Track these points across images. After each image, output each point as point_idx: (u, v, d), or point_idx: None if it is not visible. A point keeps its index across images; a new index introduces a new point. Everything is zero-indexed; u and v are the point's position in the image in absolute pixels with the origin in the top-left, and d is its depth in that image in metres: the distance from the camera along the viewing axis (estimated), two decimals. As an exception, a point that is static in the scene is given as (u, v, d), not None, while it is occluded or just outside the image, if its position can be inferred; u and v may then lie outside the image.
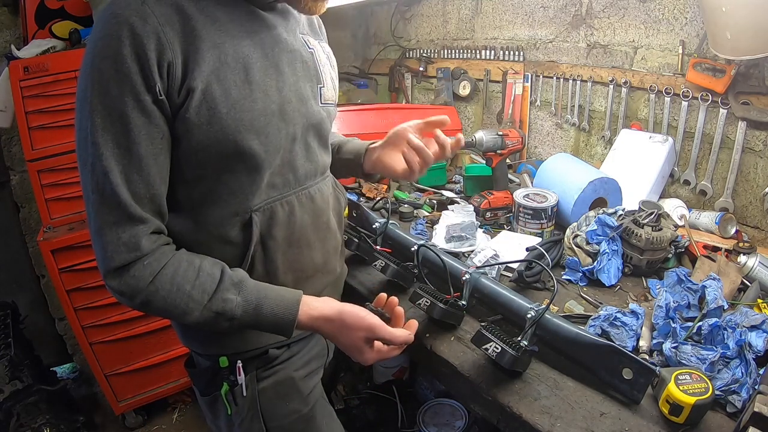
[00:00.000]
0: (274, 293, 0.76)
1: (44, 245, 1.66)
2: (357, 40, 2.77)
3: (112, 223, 0.67)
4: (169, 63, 0.66)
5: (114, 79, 0.64)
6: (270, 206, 0.80)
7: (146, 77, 0.65)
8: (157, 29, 0.65)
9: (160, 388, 2.02)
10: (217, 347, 0.86)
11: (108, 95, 0.64)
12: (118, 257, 0.68)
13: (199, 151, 0.72)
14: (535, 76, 1.88)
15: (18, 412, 1.72)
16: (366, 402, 1.77)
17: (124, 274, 0.68)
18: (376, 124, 1.90)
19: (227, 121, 0.71)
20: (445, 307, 0.95)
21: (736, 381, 0.79)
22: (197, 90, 0.68)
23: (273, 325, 0.76)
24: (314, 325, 0.78)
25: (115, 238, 0.67)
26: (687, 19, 1.41)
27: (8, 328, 1.85)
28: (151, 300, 0.70)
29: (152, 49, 0.64)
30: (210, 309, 0.72)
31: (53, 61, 1.62)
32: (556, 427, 0.77)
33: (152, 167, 0.69)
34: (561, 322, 0.88)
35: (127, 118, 0.65)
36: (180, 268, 0.71)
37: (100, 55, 0.64)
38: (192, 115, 0.69)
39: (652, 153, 1.49)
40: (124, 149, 0.66)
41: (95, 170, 0.66)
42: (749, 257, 1.12)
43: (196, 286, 0.71)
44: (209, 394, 0.89)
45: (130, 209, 0.67)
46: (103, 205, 0.67)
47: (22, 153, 1.81)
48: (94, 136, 0.65)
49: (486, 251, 1.17)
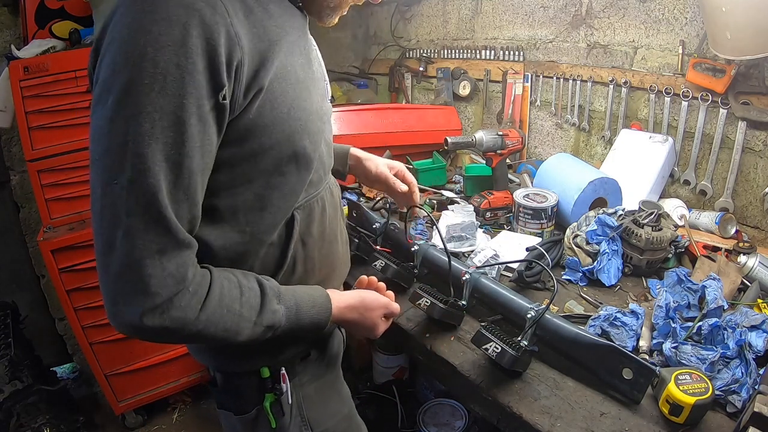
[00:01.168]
0: (304, 294, 0.75)
1: (44, 245, 1.65)
2: (357, 40, 2.77)
3: (156, 252, 0.56)
4: (238, 62, 0.57)
5: (174, 75, 0.53)
6: (309, 204, 0.78)
7: (213, 77, 0.55)
8: (226, 21, 0.56)
9: (160, 388, 2.02)
10: (256, 361, 0.80)
11: (164, 95, 0.53)
12: (165, 291, 0.57)
13: (257, 154, 0.65)
14: (535, 76, 1.88)
15: (18, 412, 1.71)
16: (366, 402, 1.77)
17: (170, 309, 0.58)
18: (376, 124, 1.90)
19: (288, 122, 0.66)
20: (445, 307, 0.96)
21: (736, 381, 0.79)
22: (263, 90, 0.62)
23: (312, 326, 0.75)
24: (342, 315, 0.80)
25: (160, 270, 0.56)
26: (687, 19, 1.41)
27: (8, 328, 1.84)
28: (201, 330, 0.62)
29: (222, 45, 0.55)
30: (261, 324, 0.67)
31: (53, 61, 1.62)
32: (556, 427, 0.77)
33: (198, 185, 0.59)
34: (561, 322, 0.88)
35: (183, 125, 0.54)
36: (224, 289, 0.64)
37: (156, 43, 0.52)
38: (255, 116, 0.62)
39: (652, 153, 1.49)
40: (173, 163, 0.55)
41: (137, 188, 0.54)
42: (749, 257, 1.12)
43: (244, 304, 0.65)
44: (250, 411, 0.82)
45: (180, 234, 0.58)
46: (145, 231, 0.55)
47: (22, 153, 1.80)
48: (139, 146, 0.53)
49: (486, 251, 1.17)
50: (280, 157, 0.68)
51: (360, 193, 1.78)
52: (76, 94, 1.64)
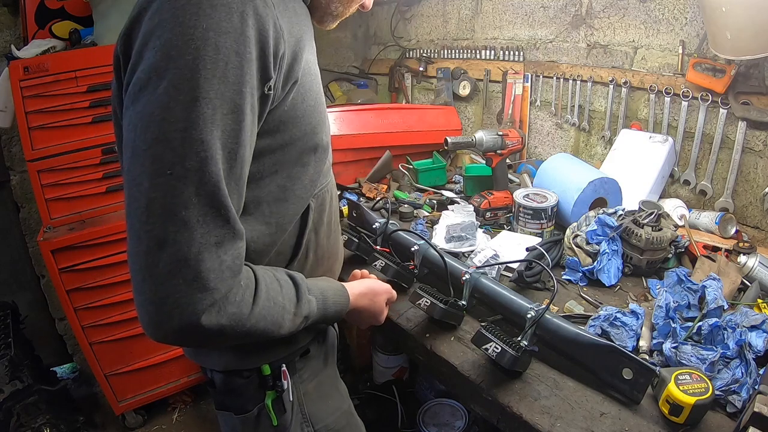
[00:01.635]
0: (326, 285, 0.78)
1: (44, 245, 1.65)
2: (357, 40, 2.78)
3: (213, 244, 0.53)
4: (282, 53, 0.59)
5: (234, 62, 0.52)
6: (322, 193, 0.80)
7: (264, 68, 0.56)
8: (274, 14, 0.57)
9: (160, 388, 2.02)
10: (260, 357, 0.79)
11: (225, 81, 0.52)
12: (223, 285, 0.54)
13: (286, 146, 0.66)
14: (535, 76, 1.88)
15: (18, 412, 1.71)
16: (366, 402, 1.77)
17: (226, 305, 0.55)
18: (376, 124, 1.90)
19: (314, 114, 0.69)
20: (445, 307, 0.96)
21: (736, 381, 0.79)
22: (297, 83, 0.63)
23: (336, 314, 0.79)
24: (357, 303, 0.84)
25: (218, 263, 0.54)
26: (687, 19, 1.41)
27: (8, 328, 1.84)
28: (253, 324, 0.60)
29: (271, 36, 0.56)
30: (299, 315, 0.68)
31: (53, 61, 1.62)
32: (556, 427, 0.77)
33: (245, 175, 0.59)
34: (561, 322, 0.88)
35: (242, 113, 0.54)
36: (267, 281, 0.63)
37: (217, 28, 0.51)
38: (289, 108, 0.64)
39: (652, 153, 1.49)
40: (230, 152, 0.54)
41: (198, 176, 0.51)
42: (749, 257, 1.12)
43: (284, 296, 0.66)
44: (251, 410, 0.81)
45: (237, 224, 0.56)
46: (204, 222, 0.52)
47: (22, 153, 1.80)
48: (201, 131, 0.51)
49: (486, 251, 1.17)
50: (304, 148, 0.70)
51: (360, 193, 1.78)
52: (76, 94, 1.64)
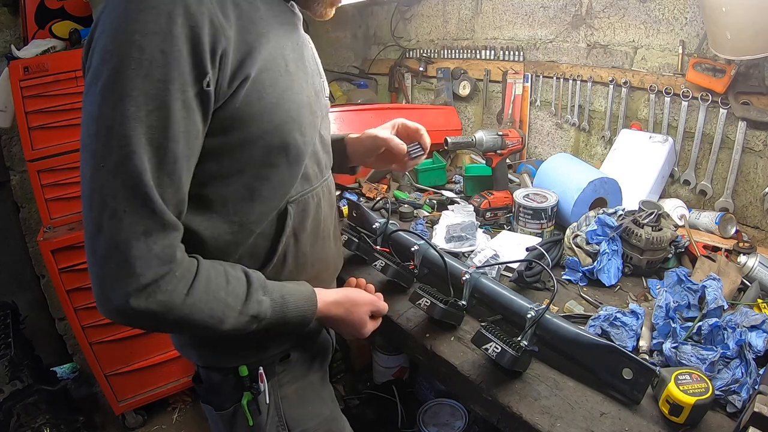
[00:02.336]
0: (292, 288, 0.76)
1: (44, 245, 1.65)
2: (357, 40, 2.77)
3: (142, 234, 0.57)
4: (223, 50, 0.60)
5: (159, 61, 0.55)
6: (304, 198, 0.79)
7: (197, 65, 0.57)
8: (212, 11, 0.58)
9: (160, 388, 2.02)
10: (237, 357, 0.82)
11: (149, 80, 0.55)
12: (150, 272, 0.58)
13: (245, 144, 0.67)
14: (535, 76, 1.88)
15: (18, 412, 1.71)
16: (366, 402, 1.77)
17: (156, 291, 0.59)
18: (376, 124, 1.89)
19: (276, 112, 0.68)
20: (445, 307, 0.96)
21: (736, 381, 0.79)
22: (250, 78, 0.64)
23: (299, 319, 0.76)
24: (328, 311, 0.80)
25: (146, 251, 0.57)
26: (687, 19, 1.41)
27: (8, 328, 1.84)
28: (186, 315, 0.62)
29: (206, 33, 0.58)
30: (245, 313, 0.68)
31: (53, 61, 1.62)
32: (556, 427, 0.77)
33: (183, 170, 0.61)
34: (561, 322, 0.88)
35: (168, 110, 0.56)
36: (211, 276, 0.65)
37: (143, 30, 0.54)
38: (242, 105, 0.64)
39: (652, 153, 1.49)
40: (157, 147, 0.57)
41: (123, 170, 0.55)
42: (749, 257, 1.12)
43: (230, 292, 0.67)
44: (228, 408, 0.84)
45: (165, 216, 0.59)
46: (131, 212, 0.56)
47: (22, 153, 1.80)
48: (125, 128, 0.55)
49: (486, 251, 1.17)
50: (269, 147, 0.69)
51: (360, 193, 1.78)
52: (76, 94, 1.64)
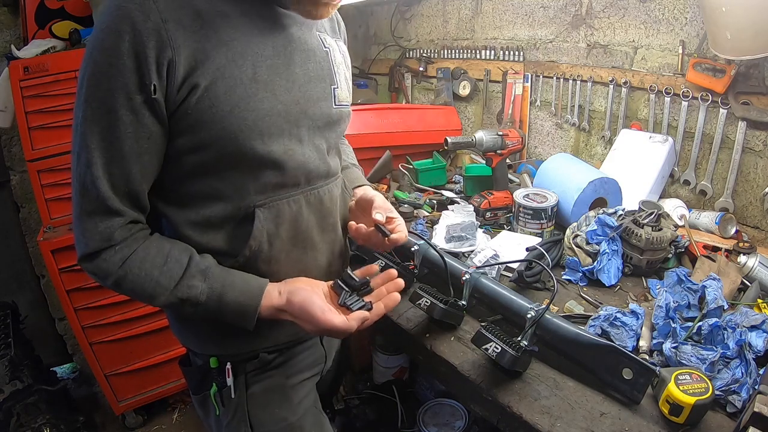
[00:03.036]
0: (241, 281, 0.76)
1: (44, 245, 1.66)
2: (357, 40, 2.77)
3: (90, 212, 0.70)
4: (169, 61, 0.65)
5: (107, 73, 0.64)
6: (276, 204, 0.79)
7: (141, 75, 0.65)
8: (159, 26, 0.64)
9: (160, 388, 2.02)
10: (211, 347, 0.86)
11: (99, 88, 0.65)
12: (93, 244, 0.70)
13: (200, 148, 0.72)
14: (535, 76, 1.88)
15: (18, 412, 1.71)
16: (366, 402, 1.77)
17: (97, 258, 0.71)
18: (376, 124, 1.90)
19: (229, 120, 0.70)
20: (445, 307, 0.95)
21: (736, 381, 0.79)
22: (200, 87, 0.68)
23: (236, 313, 0.75)
24: (274, 315, 0.77)
25: (92, 227, 0.70)
26: (687, 19, 1.41)
27: (8, 328, 1.85)
28: (120, 283, 0.72)
29: (152, 47, 0.64)
30: (175, 295, 0.73)
31: (53, 61, 1.62)
32: (556, 427, 0.77)
33: (134, 165, 0.69)
34: (561, 322, 0.88)
35: (114, 114, 0.66)
36: (149, 255, 0.73)
37: (98, 47, 0.64)
38: (194, 112, 0.69)
39: (652, 153, 1.49)
40: (108, 143, 0.67)
41: (80, 160, 0.68)
42: (749, 257, 1.12)
43: (163, 272, 0.73)
44: (199, 393, 0.90)
45: (108, 202, 0.69)
46: (83, 194, 0.69)
47: (22, 153, 1.81)
48: (83, 127, 0.67)
49: (486, 251, 1.17)
50: (222, 153, 0.72)
51: (360, 193, 1.78)
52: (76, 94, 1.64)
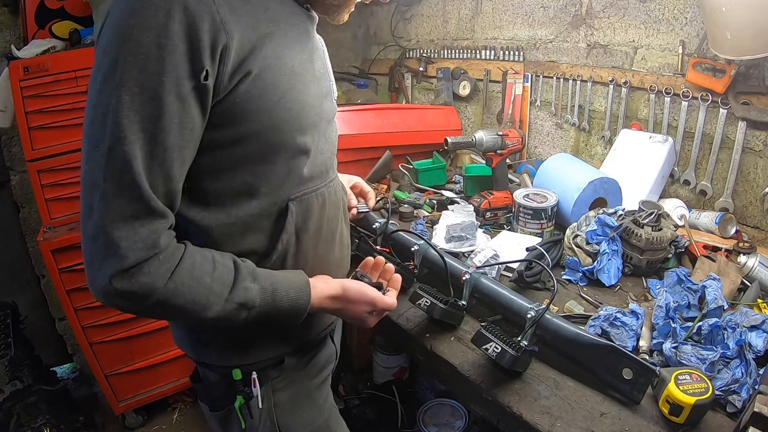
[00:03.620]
0: (284, 277, 0.75)
1: (44, 245, 1.65)
2: (357, 40, 2.77)
3: (128, 217, 0.59)
4: (223, 46, 0.61)
5: (155, 55, 0.57)
6: (307, 197, 0.79)
7: (193, 60, 0.59)
8: (212, 9, 0.60)
9: (160, 388, 2.01)
10: (235, 358, 0.82)
11: (144, 72, 0.57)
12: (134, 255, 0.60)
13: (244, 140, 0.68)
14: (535, 76, 1.88)
15: (18, 412, 1.71)
16: (366, 402, 1.77)
17: (138, 273, 0.60)
18: (376, 124, 1.90)
19: (277, 111, 0.69)
20: (445, 307, 0.96)
21: (736, 381, 0.79)
22: (252, 74, 0.65)
23: (289, 309, 0.74)
24: (322, 304, 0.79)
25: (131, 234, 0.59)
26: (687, 19, 1.41)
27: (8, 328, 1.84)
28: (169, 298, 0.63)
29: (206, 30, 0.59)
30: (232, 300, 0.68)
31: (53, 61, 1.62)
32: (556, 427, 0.77)
33: (175, 160, 0.62)
34: (561, 322, 0.88)
35: (161, 101, 0.59)
36: (196, 261, 0.66)
37: (141, 26, 0.57)
38: (242, 100, 0.65)
39: (652, 153, 1.49)
40: (150, 135, 0.59)
41: (113, 155, 0.58)
42: (749, 257, 1.12)
43: (215, 278, 0.67)
44: (221, 409, 0.85)
45: (152, 202, 0.61)
46: (119, 195, 0.59)
47: (22, 153, 1.80)
48: (118, 116, 0.57)
49: (486, 251, 1.17)
50: (267, 144, 0.70)
51: (360, 193, 1.78)
52: (76, 94, 1.64)
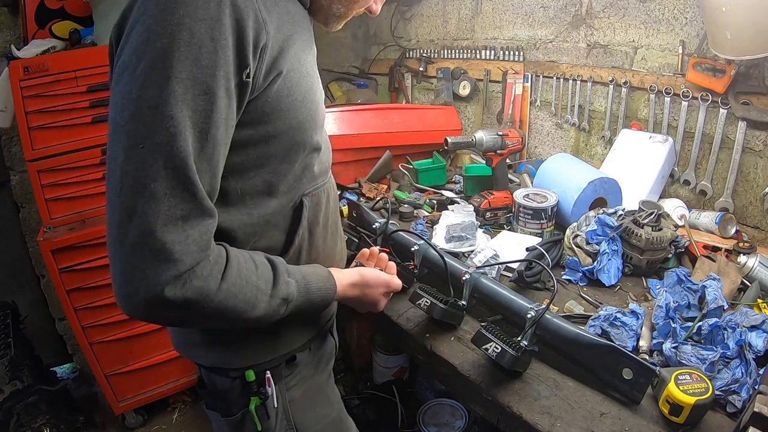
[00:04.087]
0: (310, 270, 0.78)
1: (44, 245, 1.65)
2: (357, 40, 2.77)
3: (180, 218, 0.56)
4: (263, 44, 0.61)
5: (208, 47, 0.55)
6: (317, 192, 0.81)
7: (240, 55, 0.59)
8: (256, 7, 0.60)
9: (160, 388, 2.02)
10: (246, 357, 0.81)
11: (197, 64, 0.55)
12: (188, 258, 0.56)
13: (270, 139, 0.69)
14: (535, 76, 1.88)
15: (18, 412, 1.71)
16: (366, 402, 1.77)
17: (192, 278, 0.57)
18: (376, 124, 1.90)
19: (301, 110, 0.71)
20: (445, 307, 0.96)
21: (736, 381, 0.79)
22: (282, 74, 0.66)
23: (321, 300, 0.77)
24: (345, 292, 0.83)
25: (183, 236, 0.56)
26: (687, 19, 1.41)
27: (8, 328, 1.84)
28: (222, 301, 0.61)
29: (251, 27, 0.59)
30: (276, 296, 0.68)
31: (53, 61, 1.62)
32: (556, 427, 0.77)
33: (221, 157, 0.61)
34: (561, 322, 0.88)
35: (214, 95, 0.57)
36: (240, 261, 0.65)
37: (193, 15, 0.54)
38: (273, 99, 0.66)
39: (652, 153, 1.49)
40: (200, 131, 0.57)
41: (167, 150, 0.54)
42: (749, 257, 1.12)
43: (260, 276, 0.67)
44: (236, 414, 0.83)
45: (205, 201, 0.58)
46: (172, 195, 0.55)
47: (22, 153, 1.80)
48: (171, 108, 0.54)
49: (486, 251, 1.17)
50: (291, 143, 0.72)
51: (360, 193, 1.78)
52: (76, 94, 1.64)
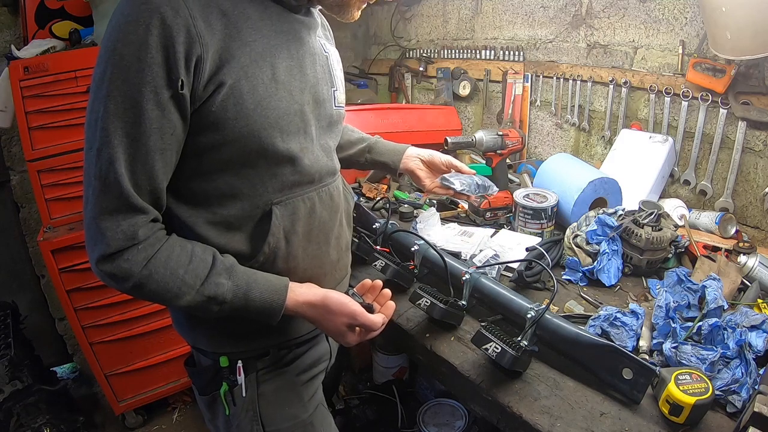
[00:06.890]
0: (263, 279, 0.78)
1: (44, 245, 1.65)
2: (357, 40, 2.78)
3: (112, 211, 0.67)
4: (198, 57, 0.66)
5: (135, 67, 0.63)
6: (292, 201, 0.81)
7: (169, 70, 0.64)
8: (188, 22, 0.64)
9: (160, 388, 2.01)
10: (225, 345, 0.86)
11: (126, 82, 0.64)
12: (115, 243, 0.68)
13: (223, 146, 0.72)
14: (535, 76, 1.88)
15: (18, 412, 1.71)
16: (366, 402, 1.77)
17: (118, 259, 0.68)
18: (376, 124, 1.90)
19: (253, 118, 0.72)
20: (445, 307, 0.96)
21: (736, 381, 0.79)
22: (226, 85, 0.69)
23: (261, 309, 0.77)
24: (299, 310, 0.80)
25: (114, 225, 0.67)
26: (687, 19, 1.41)
27: (8, 328, 1.84)
28: (143, 283, 0.70)
29: (181, 42, 0.64)
30: (202, 293, 0.73)
31: (53, 61, 1.62)
32: (556, 427, 0.77)
33: (157, 162, 0.68)
34: (561, 322, 0.88)
35: (141, 108, 0.65)
36: (173, 253, 0.72)
37: (124, 40, 0.63)
38: (218, 109, 0.69)
39: (652, 153, 1.49)
40: (132, 139, 0.66)
41: (101, 156, 0.66)
42: (749, 257, 1.12)
43: (189, 271, 0.72)
44: (208, 394, 0.89)
45: (131, 199, 0.68)
46: (104, 192, 0.67)
47: (22, 153, 1.81)
48: (105, 122, 0.65)
49: (486, 251, 1.17)
50: (246, 150, 0.74)
51: (360, 193, 1.78)
52: (76, 94, 1.64)
